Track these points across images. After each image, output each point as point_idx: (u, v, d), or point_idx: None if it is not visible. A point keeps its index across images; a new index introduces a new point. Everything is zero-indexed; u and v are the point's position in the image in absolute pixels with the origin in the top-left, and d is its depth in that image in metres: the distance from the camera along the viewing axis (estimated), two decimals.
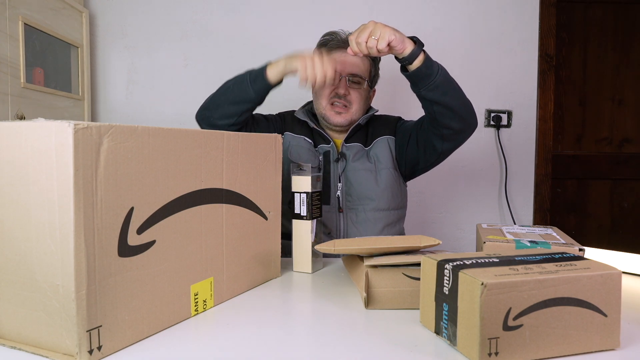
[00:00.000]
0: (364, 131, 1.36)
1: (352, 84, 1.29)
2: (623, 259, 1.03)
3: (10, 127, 0.56)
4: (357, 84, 1.30)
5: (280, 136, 0.94)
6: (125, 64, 2.01)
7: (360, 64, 1.30)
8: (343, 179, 1.30)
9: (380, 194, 1.29)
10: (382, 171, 1.31)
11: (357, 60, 1.28)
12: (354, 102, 1.29)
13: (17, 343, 0.60)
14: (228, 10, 2.00)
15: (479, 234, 0.99)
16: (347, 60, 1.27)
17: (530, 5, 2.04)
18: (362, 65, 1.30)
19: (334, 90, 1.28)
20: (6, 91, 1.40)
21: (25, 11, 1.49)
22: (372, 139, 1.34)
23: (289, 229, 1.03)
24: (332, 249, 0.81)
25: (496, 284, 0.56)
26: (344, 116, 1.29)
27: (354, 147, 1.32)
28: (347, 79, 1.28)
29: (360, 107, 1.31)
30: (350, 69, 1.28)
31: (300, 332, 0.69)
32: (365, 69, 1.31)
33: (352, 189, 1.29)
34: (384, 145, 1.33)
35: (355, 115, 1.31)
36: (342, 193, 1.29)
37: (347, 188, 1.29)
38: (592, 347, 0.61)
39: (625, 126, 2.22)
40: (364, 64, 1.30)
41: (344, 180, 1.30)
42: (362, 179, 1.29)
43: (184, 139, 0.69)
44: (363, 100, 1.32)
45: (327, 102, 1.30)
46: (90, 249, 0.56)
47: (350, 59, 1.27)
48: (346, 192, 1.29)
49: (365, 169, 1.30)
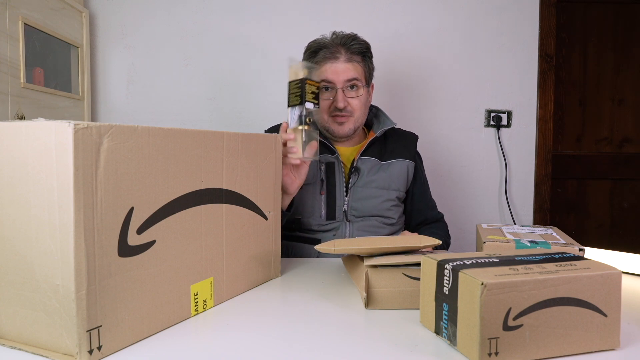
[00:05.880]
0: (380, 144, 1.34)
1: (350, 91, 1.26)
2: (623, 259, 1.03)
3: (10, 127, 0.56)
4: (355, 89, 1.27)
5: (280, 136, 0.94)
6: (125, 64, 2.01)
7: (352, 68, 1.26)
8: (351, 193, 1.27)
9: (385, 211, 1.29)
10: (392, 192, 1.30)
11: (349, 67, 1.25)
12: (355, 110, 1.27)
13: (17, 343, 0.60)
14: (228, 10, 2.00)
15: (479, 234, 0.99)
16: (339, 69, 1.25)
17: (530, 5, 2.04)
18: (354, 69, 1.26)
19: (333, 104, 1.26)
20: (6, 91, 1.40)
21: (25, 11, 1.49)
22: (390, 156, 1.32)
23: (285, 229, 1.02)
24: (332, 249, 0.81)
25: (496, 284, 0.56)
26: (347, 125, 1.28)
27: (369, 161, 1.30)
28: (342, 90, 1.25)
29: (362, 112, 1.30)
30: (344, 76, 1.25)
31: (300, 332, 0.69)
32: (359, 70, 1.28)
33: (360, 203, 1.27)
34: (402, 170, 1.32)
35: (358, 122, 1.29)
36: (348, 207, 1.27)
37: (353, 202, 1.27)
38: (592, 347, 0.61)
39: (625, 126, 2.21)
40: (356, 66, 1.27)
41: (352, 194, 1.27)
42: (373, 195, 1.28)
43: (184, 139, 0.69)
44: (363, 105, 1.30)
45: (329, 116, 1.28)
46: (90, 249, 0.56)
47: (342, 67, 1.25)
48: (352, 207, 1.27)
49: (378, 186, 1.28)
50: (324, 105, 1.27)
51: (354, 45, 1.27)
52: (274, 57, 2.01)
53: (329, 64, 1.25)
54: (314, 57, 1.28)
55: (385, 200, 1.28)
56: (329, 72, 1.25)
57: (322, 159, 1.28)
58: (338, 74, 1.25)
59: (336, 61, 1.25)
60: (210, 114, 2.02)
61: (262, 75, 2.01)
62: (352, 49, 1.26)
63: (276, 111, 2.00)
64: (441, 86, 2.04)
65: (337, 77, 1.24)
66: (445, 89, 2.05)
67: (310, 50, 1.29)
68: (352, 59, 1.26)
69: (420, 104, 2.04)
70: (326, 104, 1.27)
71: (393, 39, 2.00)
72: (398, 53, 2.01)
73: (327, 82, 1.25)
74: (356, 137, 1.37)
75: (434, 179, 1.46)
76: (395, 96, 2.03)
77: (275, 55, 2.01)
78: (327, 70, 1.25)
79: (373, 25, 2.00)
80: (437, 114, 2.05)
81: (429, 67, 2.04)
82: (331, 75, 1.24)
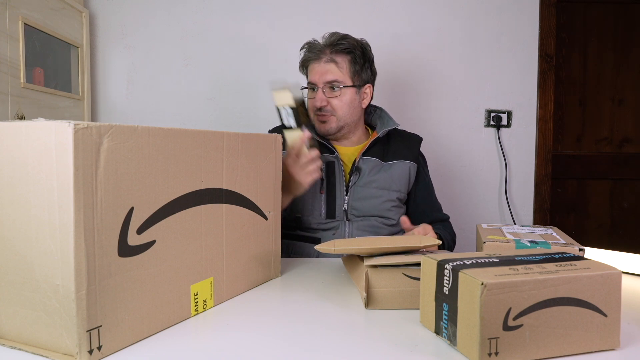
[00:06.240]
0: (382, 145, 1.35)
1: (332, 91, 1.28)
2: (623, 259, 1.03)
3: (10, 127, 0.56)
4: (337, 89, 1.28)
5: (280, 136, 0.94)
6: (125, 64, 2.01)
7: (335, 69, 1.27)
8: (351, 192, 1.28)
9: (386, 212, 1.29)
10: (393, 193, 1.30)
11: (330, 67, 1.27)
12: (336, 109, 1.28)
13: (17, 343, 0.60)
14: (228, 10, 2.00)
15: (479, 234, 0.99)
16: (320, 70, 1.28)
17: (530, 5, 2.04)
18: (337, 70, 1.27)
19: (313, 104, 1.29)
20: (6, 91, 1.40)
21: (25, 11, 1.49)
22: (393, 157, 1.33)
23: None
24: (332, 249, 0.81)
25: (496, 284, 0.56)
26: (327, 124, 1.30)
27: (371, 161, 1.31)
28: (322, 90, 1.28)
29: (345, 112, 1.29)
30: (324, 77, 1.27)
31: (300, 332, 0.69)
32: (343, 72, 1.28)
33: (360, 202, 1.27)
34: (403, 171, 1.32)
35: (342, 121, 1.30)
36: (348, 206, 1.27)
37: (353, 202, 1.27)
38: (592, 347, 0.61)
39: (625, 126, 2.21)
40: (340, 68, 1.28)
41: (352, 194, 1.28)
42: (373, 195, 1.28)
43: (184, 139, 0.69)
44: (348, 105, 1.29)
45: (314, 114, 1.31)
46: (90, 249, 0.56)
47: (322, 68, 1.27)
48: (352, 206, 1.27)
49: (379, 186, 1.29)
50: (310, 105, 1.31)
51: (340, 45, 1.28)
52: (274, 57, 2.01)
53: (312, 65, 1.30)
54: (304, 57, 1.34)
55: (386, 201, 1.28)
56: (312, 73, 1.30)
57: (322, 158, 1.28)
58: (319, 74, 1.28)
59: (319, 62, 1.29)
60: (210, 114, 2.02)
61: (262, 75, 2.01)
62: (338, 49, 1.28)
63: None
64: (441, 86, 2.04)
65: (318, 78, 1.28)
66: (445, 89, 2.05)
67: (301, 50, 1.35)
68: (333, 59, 1.28)
69: (420, 104, 2.04)
70: (311, 102, 1.31)
71: (393, 39, 2.00)
72: (398, 53, 2.01)
73: (311, 84, 1.31)
74: (358, 137, 1.37)
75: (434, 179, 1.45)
76: (395, 96, 2.03)
77: (275, 56, 2.01)
78: (312, 70, 1.31)
79: (373, 25, 2.00)
80: (437, 114, 2.05)
81: (428, 67, 2.04)
82: (313, 76, 1.30)
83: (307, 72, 1.35)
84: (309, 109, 1.32)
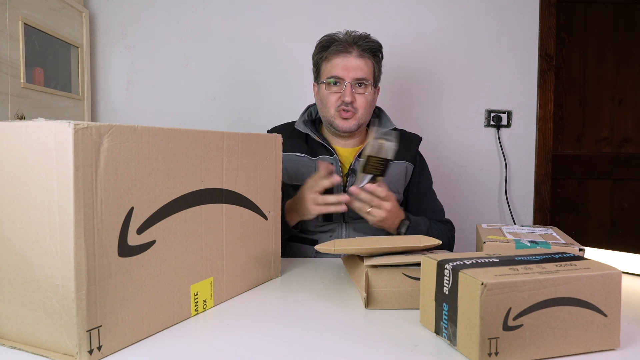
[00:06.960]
0: None
1: (358, 88, 1.26)
2: (623, 259, 1.03)
3: (10, 127, 0.56)
4: (363, 87, 1.27)
5: (280, 136, 0.94)
6: (125, 64, 2.01)
7: (364, 67, 1.26)
8: (349, 194, 1.27)
9: None
10: None
11: (360, 64, 1.26)
12: (360, 108, 1.27)
13: (17, 343, 0.60)
14: (228, 10, 2.00)
15: (479, 234, 0.99)
16: (349, 65, 1.25)
17: (530, 5, 2.04)
18: (365, 68, 1.27)
19: (340, 99, 1.26)
20: (6, 91, 1.40)
21: (25, 11, 1.49)
22: None
23: None
24: (332, 249, 0.81)
25: (496, 284, 0.56)
26: (351, 122, 1.27)
27: None
28: (351, 85, 1.25)
29: (366, 111, 1.29)
30: (354, 74, 1.25)
31: (300, 332, 0.69)
32: (370, 70, 1.28)
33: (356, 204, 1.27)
34: (400, 170, 1.31)
35: (361, 120, 1.29)
36: None
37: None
38: (592, 347, 0.61)
39: (625, 126, 2.21)
40: (368, 66, 1.27)
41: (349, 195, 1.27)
42: None
43: (184, 139, 0.69)
44: (369, 104, 1.29)
45: (335, 110, 1.28)
46: (90, 249, 0.56)
47: (353, 63, 1.25)
48: (349, 208, 1.27)
49: None
50: (331, 100, 1.27)
51: (366, 42, 1.27)
52: (274, 57, 2.01)
53: (339, 59, 1.26)
54: (325, 51, 1.28)
55: None
56: (339, 67, 1.25)
57: (320, 159, 1.28)
58: (348, 69, 1.25)
59: (348, 56, 1.25)
60: (210, 114, 2.02)
61: (262, 75, 2.01)
62: (364, 47, 1.26)
63: (276, 111, 2.01)
64: (441, 86, 2.04)
65: (347, 73, 1.25)
66: (445, 89, 2.05)
67: (322, 44, 1.30)
68: (363, 55, 1.26)
69: (420, 104, 2.04)
70: (333, 97, 1.27)
71: (393, 39, 2.00)
72: (398, 53, 2.01)
73: (336, 78, 1.26)
74: (356, 138, 1.36)
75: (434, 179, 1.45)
76: (395, 96, 2.03)
77: (275, 55, 2.01)
78: (337, 65, 1.26)
79: (373, 25, 1.99)
80: (437, 114, 2.05)
81: (429, 67, 2.04)
82: (341, 71, 1.25)
83: (323, 65, 1.30)
84: (329, 105, 1.28)
